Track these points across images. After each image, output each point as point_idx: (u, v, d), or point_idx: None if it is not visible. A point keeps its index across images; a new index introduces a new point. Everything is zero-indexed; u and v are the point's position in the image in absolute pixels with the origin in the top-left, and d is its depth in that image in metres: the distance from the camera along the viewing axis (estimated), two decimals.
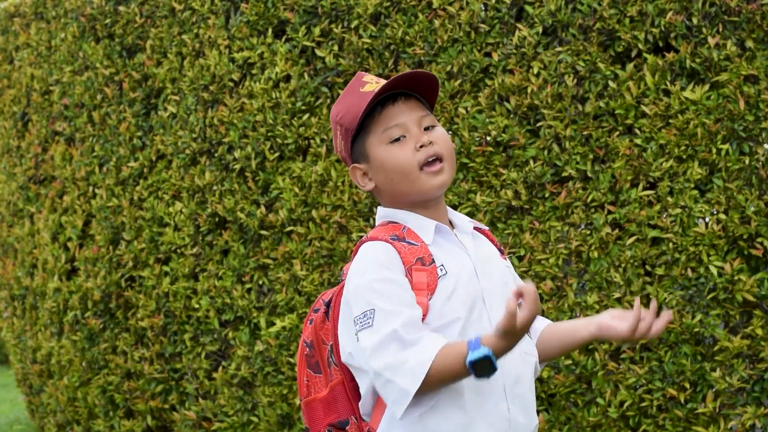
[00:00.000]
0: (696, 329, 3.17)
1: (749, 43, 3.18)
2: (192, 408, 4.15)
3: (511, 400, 1.89)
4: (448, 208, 2.05)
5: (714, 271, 3.15)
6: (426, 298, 1.87)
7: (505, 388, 1.89)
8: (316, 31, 3.79)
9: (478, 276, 1.94)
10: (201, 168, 4.08)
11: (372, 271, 1.88)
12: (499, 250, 2.06)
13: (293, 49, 3.86)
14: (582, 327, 2.00)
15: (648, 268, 3.27)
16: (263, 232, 3.89)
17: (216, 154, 4.04)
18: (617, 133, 3.30)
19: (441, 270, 1.92)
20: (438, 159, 1.95)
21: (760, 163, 3.16)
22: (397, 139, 1.96)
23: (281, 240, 3.87)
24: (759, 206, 3.15)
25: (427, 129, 1.97)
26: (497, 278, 1.97)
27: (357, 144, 2.00)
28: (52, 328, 4.83)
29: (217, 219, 4.08)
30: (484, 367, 1.74)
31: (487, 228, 2.09)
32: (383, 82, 1.96)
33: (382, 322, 1.82)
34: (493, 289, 1.94)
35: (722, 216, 3.16)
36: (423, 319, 1.86)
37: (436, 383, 1.80)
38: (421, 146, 1.94)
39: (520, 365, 1.92)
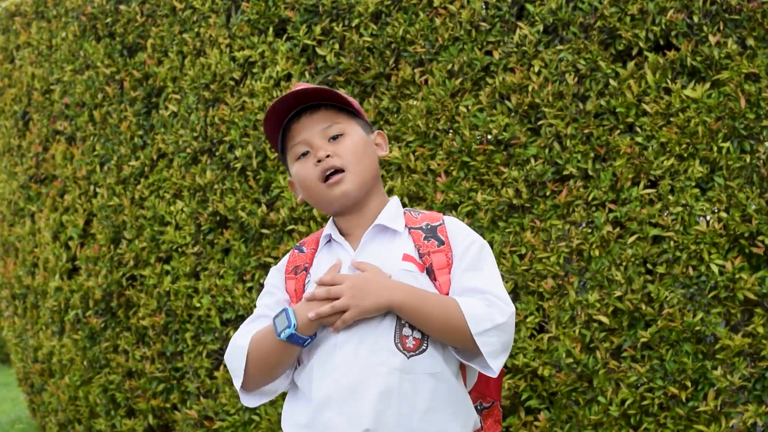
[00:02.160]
0: (697, 327, 3.17)
1: (750, 42, 3.18)
2: (193, 407, 4.16)
3: (337, 410, 1.86)
4: (390, 207, 2.03)
5: (715, 269, 3.15)
6: (293, 303, 1.99)
7: (332, 397, 1.87)
8: (317, 29, 3.79)
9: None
10: (202, 167, 4.08)
11: (267, 282, 2.10)
12: (420, 253, 1.96)
13: (294, 47, 3.86)
14: None
15: (649, 266, 3.27)
16: (264, 231, 3.90)
17: (217, 153, 4.04)
18: (618, 131, 3.30)
19: (308, 278, 2.00)
20: (337, 171, 1.96)
21: (761, 161, 3.16)
22: (304, 155, 1.99)
23: (282, 239, 3.87)
24: (760, 204, 3.14)
25: (335, 138, 1.98)
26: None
27: (283, 159, 2.07)
28: (53, 327, 4.83)
29: (218, 218, 4.08)
30: (280, 320, 1.90)
31: (440, 223, 2.01)
32: (301, 90, 1.98)
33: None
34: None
35: (723, 214, 3.16)
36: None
37: (261, 366, 1.95)
38: (318, 161, 1.96)
39: (365, 377, 1.87)
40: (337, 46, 3.75)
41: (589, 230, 3.31)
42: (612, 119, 3.31)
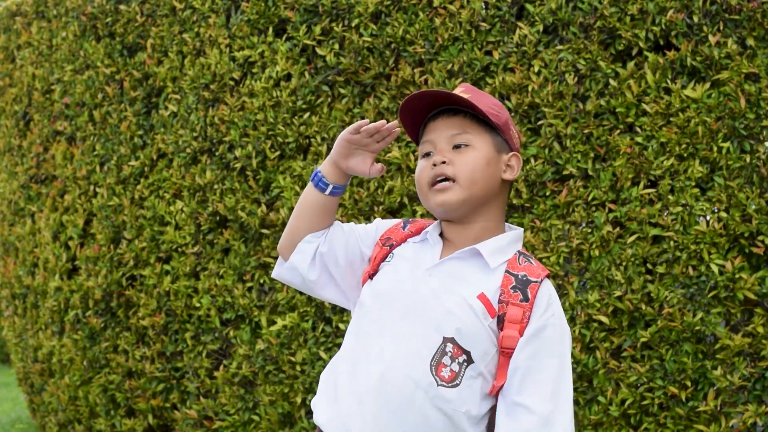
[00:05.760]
0: (697, 327, 3.17)
1: (750, 42, 3.18)
2: (193, 407, 4.16)
3: (357, 404, 1.86)
4: (502, 239, 1.97)
5: (715, 269, 3.15)
6: (369, 268, 2.04)
7: (354, 391, 1.87)
8: (317, 29, 3.79)
9: (419, 283, 1.92)
10: (202, 167, 4.08)
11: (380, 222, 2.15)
12: (500, 299, 1.90)
13: (294, 47, 3.86)
14: None
15: (649, 266, 3.27)
16: (264, 231, 3.90)
17: (217, 153, 4.04)
18: (618, 131, 3.30)
19: (390, 257, 2.01)
20: (447, 179, 1.94)
21: (761, 161, 3.16)
22: (427, 155, 1.99)
23: None
24: (760, 204, 3.14)
25: (458, 147, 1.96)
26: (440, 301, 1.90)
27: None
28: (53, 327, 4.83)
29: (218, 218, 4.08)
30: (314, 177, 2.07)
31: (536, 281, 1.92)
32: (464, 96, 1.96)
33: None
34: (424, 304, 1.89)
35: (723, 214, 3.16)
36: (362, 286, 2.03)
37: (295, 215, 2.10)
38: (434, 165, 1.95)
39: (390, 384, 1.85)
40: (337, 46, 3.75)
41: (589, 230, 3.31)
42: (612, 119, 3.31)
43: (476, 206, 1.96)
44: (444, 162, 1.94)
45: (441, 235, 2.02)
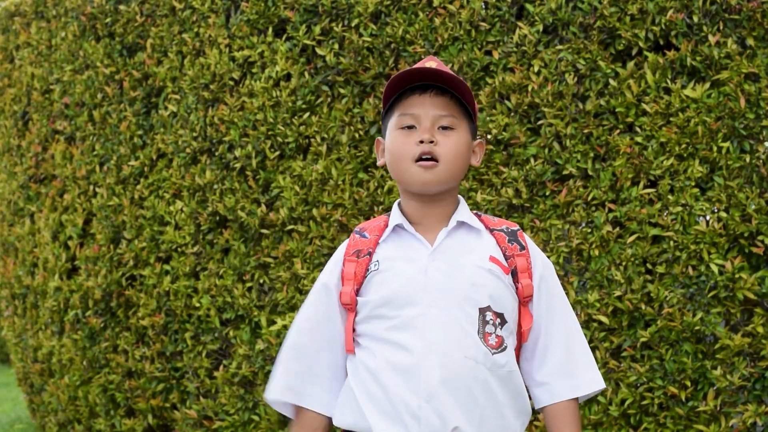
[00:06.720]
0: (697, 327, 3.17)
1: (750, 41, 3.18)
2: (193, 407, 4.16)
3: (426, 399, 1.87)
4: (464, 207, 2.03)
5: (715, 269, 3.15)
6: (351, 288, 1.97)
7: (419, 389, 1.87)
8: (317, 29, 3.79)
9: (428, 272, 1.94)
10: (201, 167, 4.08)
11: (323, 272, 2.08)
12: (505, 255, 1.98)
13: (294, 47, 3.86)
14: None
15: (649, 266, 3.27)
16: (264, 231, 3.90)
17: (216, 153, 4.04)
18: (618, 131, 3.30)
19: (374, 265, 1.98)
20: (433, 159, 1.95)
21: (761, 161, 3.16)
22: (408, 128, 1.98)
23: (282, 239, 3.87)
24: (760, 204, 3.14)
25: (443, 129, 1.97)
26: (459, 277, 1.94)
27: (385, 119, 2.04)
28: (53, 327, 4.83)
29: (217, 218, 4.08)
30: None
31: (518, 229, 2.03)
32: (443, 71, 1.96)
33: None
34: (445, 287, 1.92)
35: (723, 214, 3.16)
36: (353, 309, 1.97)
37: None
38: (421, 141, 1.95)
39: (451, 370, 1.88)
40: (336, 46, 3.75)
41: (589, 230, 3.31)
42: (612, 119, 3.31)
43: (449, 187, 2.00)
44: (432, 142, 1.95)
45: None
